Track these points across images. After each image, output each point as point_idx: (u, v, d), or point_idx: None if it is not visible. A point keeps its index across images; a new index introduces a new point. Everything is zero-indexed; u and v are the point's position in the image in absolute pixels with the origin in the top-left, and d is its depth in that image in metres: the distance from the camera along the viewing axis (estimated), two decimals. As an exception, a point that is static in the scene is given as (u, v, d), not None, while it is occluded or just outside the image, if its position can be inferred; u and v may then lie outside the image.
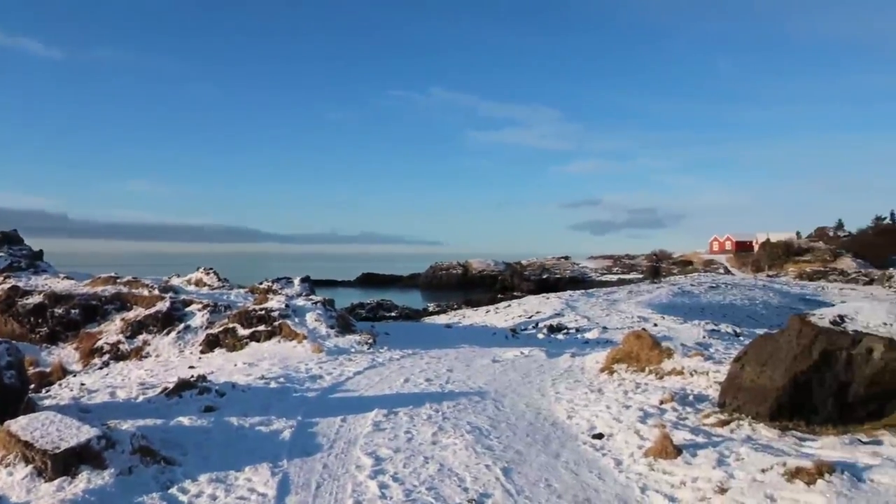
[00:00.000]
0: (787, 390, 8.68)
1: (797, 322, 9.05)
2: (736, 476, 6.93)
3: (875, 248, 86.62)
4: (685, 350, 13.81)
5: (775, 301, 49.60)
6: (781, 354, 8.92)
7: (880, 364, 8.41)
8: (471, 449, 8.48)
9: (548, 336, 23.90)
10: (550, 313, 31.68)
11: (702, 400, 10.54)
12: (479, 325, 27.34)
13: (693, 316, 34.48)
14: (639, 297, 42.05)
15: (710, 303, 44.74)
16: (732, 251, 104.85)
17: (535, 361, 15.85)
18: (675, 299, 42.88)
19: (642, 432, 8.90)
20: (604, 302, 37.47)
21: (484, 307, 41.10)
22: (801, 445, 7.92)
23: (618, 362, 13.58)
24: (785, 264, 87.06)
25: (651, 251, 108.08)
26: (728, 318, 37.92)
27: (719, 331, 23.84)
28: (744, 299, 48.20)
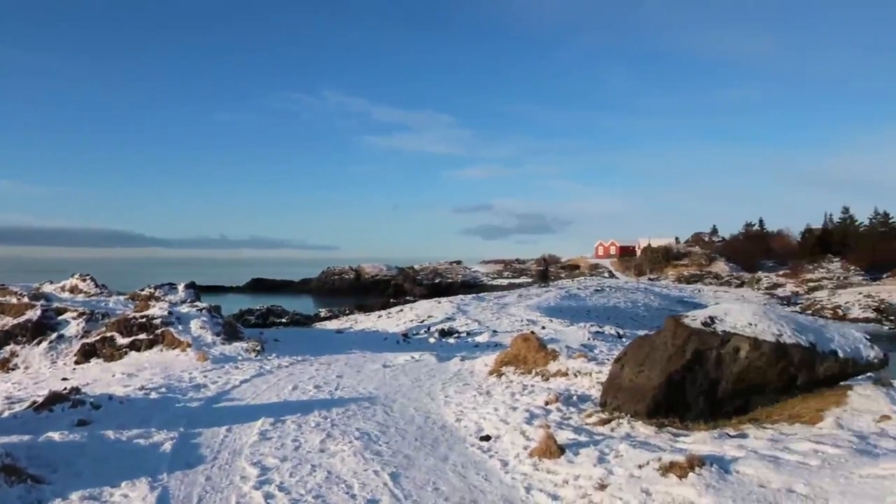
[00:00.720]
0: (662, 389, 9.10)
1: (672, 323, 9.51)
2: (615, 472, 7.19)
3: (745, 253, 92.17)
4: (570, 352, 14.25)
5: (656, 303, 51.91)
6: (658, 355, 9.35)
7: (746, 362, 8.95)
8: (359, 455, 8.44)
9: (439, 340, 24.09)
10: (442, 317, 31.95)
11: (585, 400, 10.89)
12: (370, 331, 27.25)
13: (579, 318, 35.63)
14: (528, 300, 43.06)
15: (596, 305, 46.36)
16: (617, 256, 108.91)
17: (426, 366, 15.94)
18: (563, 302, 44.16)
19: (528, 433, 9.11)
20: (494, 306, 38.14)
21: (376, 312, 41.02)
22: (676, 441, 8.31)
23: (506, 365, 13.86)
24: (665, 268, 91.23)
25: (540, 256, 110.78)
26: (612, 320, 39.40)
27: (603, 332, 24.72)
28: (627, 302, 50.20)
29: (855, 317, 51.63)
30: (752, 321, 9.20)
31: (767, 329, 9.06)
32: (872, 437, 7.79)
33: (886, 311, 52.21)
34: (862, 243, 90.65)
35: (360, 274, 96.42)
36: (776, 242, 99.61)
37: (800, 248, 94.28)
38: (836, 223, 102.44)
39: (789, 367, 8.99)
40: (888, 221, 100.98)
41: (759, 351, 8.89)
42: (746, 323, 9.20)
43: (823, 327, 9.87)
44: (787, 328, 9.08)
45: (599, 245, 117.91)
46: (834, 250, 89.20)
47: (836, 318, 51.72)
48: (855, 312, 52.68)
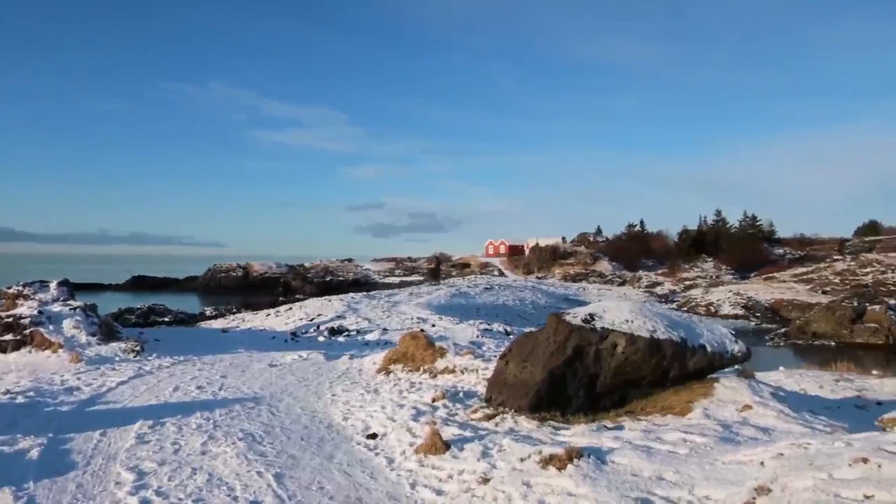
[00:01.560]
0: (545, 384, 9.38)
1: (553, 321, 9.82)
2: (498, 466, 7.36)
3: (627, 253, 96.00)
4: (458, 349, 14.45)
5: (543, 301, 53.31)
6: (540, 351, 9.63)
7: (623, 357, 9.36)
8: (242, 456, 8.26)
9: (329, 339, 23.86)
10: (332, 316, 31.67)
11: (471, 396, 11.08)
12: (258, 329, 26.67)
13: (469, 316, 36.14)
14: (419, 298, 43.27)
15: (485, 303, 47.14)
16: (506, 255, 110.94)
17: (314, 364, 15.77)
18: (453, 300, 44.66)
19: (414, 430, 9.18)
20: (385, 304, 38.11)
21: (265, 311, 40.12)
22: (557, 434, 8.59)
23: (394, 363, 13.90)
24: (552, 267, 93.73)
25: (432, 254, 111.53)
26: (501, 317, 40.19)
27: (492, 330, 25.16)
28: (515, 300, 51.30)
29: (726, 313, 54.70)
30: (629, 318, 9.62)
31: (643, 325, 9.50)
32: (735, 425, 8.33)
33: (753, 308, 55.66)
34: (732, 244, 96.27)
35: (248, 271, 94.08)
36: (656, 243, 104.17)
37: (677, 248, 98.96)
38: (710, 225, 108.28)
39: (662, 362, 9.45)
40: (755, 224, 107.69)
41: (635, 346, 9.31)
42: (623, 320, 9.61)
43: (693, 323, 10.45)
44: (660, 324, 9.55)
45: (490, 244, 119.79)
46: (707, 251, 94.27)
47: (709, 314, 54.67)
48: (726, 309, 55.80)
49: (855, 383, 17.38)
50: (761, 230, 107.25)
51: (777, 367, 21.66)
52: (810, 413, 8.99)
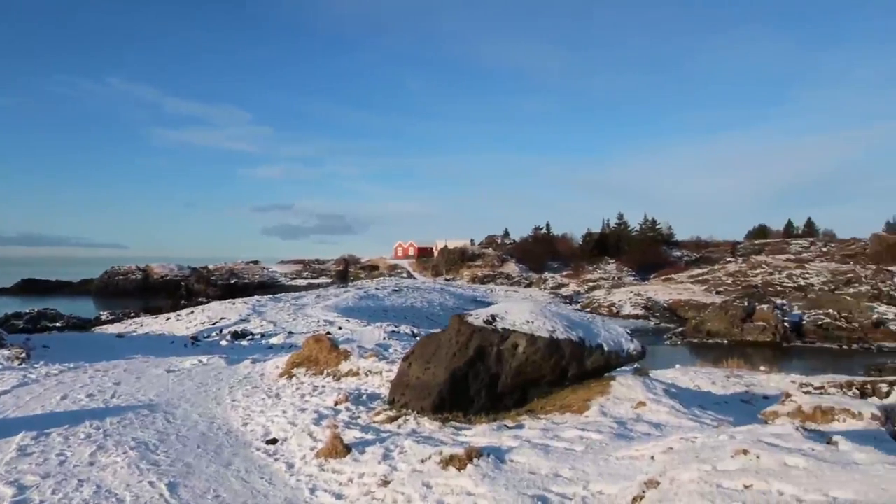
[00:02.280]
0: (447, 385, 9.43)
1: (456, 322, 9.89)
2: (399, 468, 7.35)
3: (534, 255, 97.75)
4: (362, 352, 14.36)
5: (451, 303, 53.67)
6: (443, 352, 9.68)
7: (523, 357, 9.51)
8: (134, 466, 7.94)
9: (231, 343, 23.30)
10: (236, 319, 30.93)
11: (375, 398, 11.03)
12: (156, 334, 25.76)
13: (377, 318, 36.02)
14: (326, 301, 42.79)
15: (394, 305, 47.08)
16: (415, 257, 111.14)
17: (214, 369, 15.35)
18: (361, 303, 44.39)
19: (316, 434, 9.06)
20: (291, 307, 37.51)
21: (165, 314, 38.79)
22: (458, 434, 8.65)
23: (297, 366, 13.69)
24: (460, 269, 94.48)
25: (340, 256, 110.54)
26: (409, 319, 40.22)
27: (399, 332, 25.16)
28: (423, 301, 51.45)
29: (627, 313, 56.47)
30: (530, 319, 9.79)
31: (543, 326, 9.69)
32: (630, 422, 8.60)
33: (653, 309, 57.68)
34: (634, 247, 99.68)
35: (148, 274, 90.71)
36: (561, 245, 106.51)
37: (581, 250, 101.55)
38: (613, 228, 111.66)
39: (561, 361, 9.67)
40: (655, 227, 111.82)
41: (535, 346, 9.48)
42: (524, 321, 9.77)
43: (591, 323, 10.73)
44: (559, 325, 9.76)
45: (399, 246, 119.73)
46: (610, 253, 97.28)
47: (611, 314, 56.32)
48: (627, 309, 57.60)
49: (744, 379, 18.27)
50: (661, 233, 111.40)
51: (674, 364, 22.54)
52: (700, 408, 9.39)
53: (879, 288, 53.83)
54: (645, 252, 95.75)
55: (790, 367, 32.97)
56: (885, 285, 54.74)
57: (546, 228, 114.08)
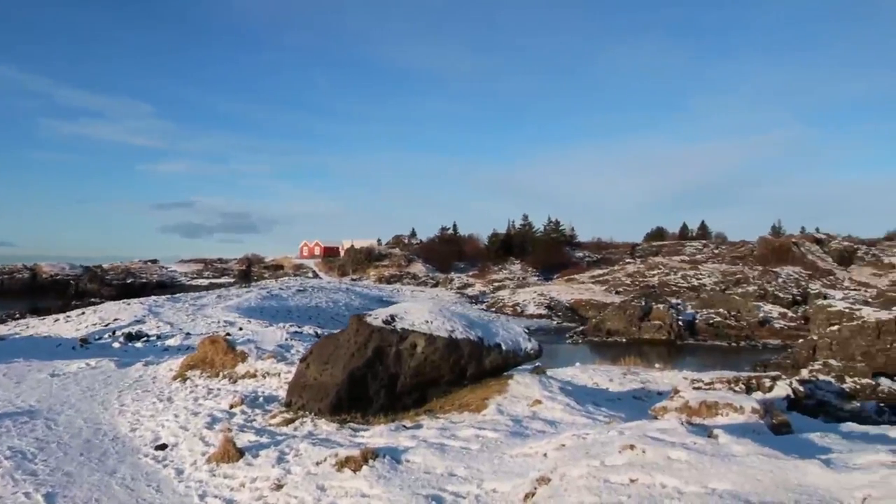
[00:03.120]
0: (345, 385, 9.33)
1: (355, 322, 9.80)
2: (293, 471, 7.21)
3: (441, 255, 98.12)
4: (261, 353, 14.04)
5: (357, 303, 53.22)
6: (341, 352, 9.57)
7: (422, 357, 9.52)
8: (9, 477, 7.49)
9: (125, 345, 22.33)
10: (130, 320, 29.68)
11: (272, 401, 10.79)
12: (42, 336, 24.43)
13: (280, 319, 35.36)
14: (228, 301, 41.66)
15: (298, 305, 46.32)
16: (321, 256, 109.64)
17: (103, 373, 14.67)
18: (264, 303, 43.43)
19: (208, 438, 8.80)
20: (190, 307, 36.31)
21: (53, 315, 36.81)
22: (356, 436, 8.56)
23: (192, 369, 13.25)
24: (367, 269, 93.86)
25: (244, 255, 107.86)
26: (313, 319, 39.68)
27: (302, 332, 24.78)
28: (329, 301, 50.86)
29: (531, 313, 57.49)
30: (429, 318, 9.80)
31: (442, 326, 9.72)
32: (526, 420, 8.73)
33: (555, 308, 58.96)
34: (538, 247, 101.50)
35: (36, 273, 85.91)
36: (468, 246, 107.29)
37: (487, 251, 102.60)
38: (518, 229, 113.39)
39: (460, 360, 9.72)
40: (559, 228, 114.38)
41: (434, 346, 9.50)
42: (423, 320, 9.78)
43: (490, 323, 10.85)
44: (458, 324, 9.82)
45: (304, 245, 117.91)
46: (515, 253, 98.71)
47: (515, 314, 57.21)
48: (531, 309, 58.62)
49: (640, 376, 18.91)
50: (564, 234, 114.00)
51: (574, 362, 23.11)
52: (593, 405, 9.63)
53: (765, 288, 56.81)
54: (549, 253, 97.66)
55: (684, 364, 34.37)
56: (770, 285, 57.83)
57: (453, 229, 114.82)
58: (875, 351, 28.00)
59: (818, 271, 70.38)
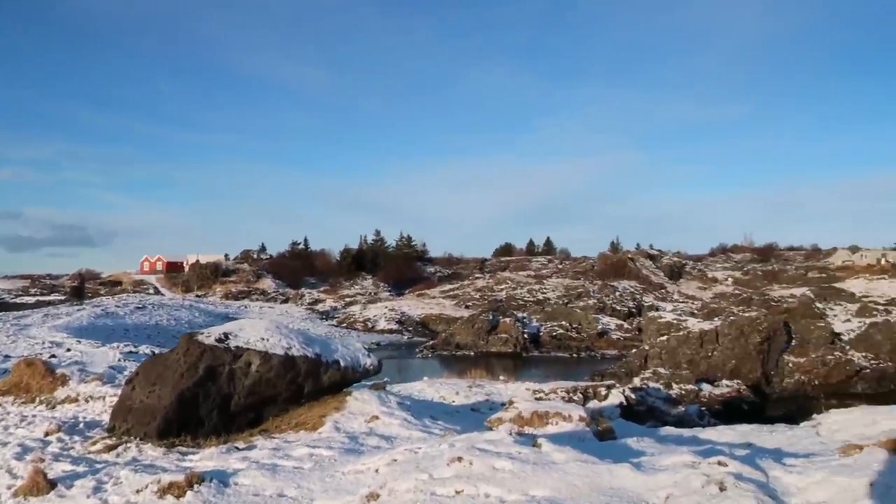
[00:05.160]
0: (174, 407, 8.91)
1: (185, 341, 9.40)
2: (110, 501, 6.77)
3: (291, 270, 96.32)
4: (84, 375, 13.13)
5: (200, 320, 51.11)
6: (170, 373, 9.14)
7: (257, 375, 9.27)
8: None
9: (-71, 370, 20.20)
10: (-63, 343, 26.93)
11: (94, 426, 10.11)
12: None
13: (116, 338, 33.30)
14: (56, 320, 38.77)
15: (136, 324, 43.93)
16: (164, 272, 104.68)
17: None
18: (98, 321, 40.83)
19: (16, 470, 8.09)
20: (12, 327, 33.51)
21: None
22: (184, 459, 8.19)
23: (4, 395, 12.17)
24: (213, 285, 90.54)
25: (77, 271, 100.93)
26: (153, 339, 37.73)
27: (138, 353, 23.43)
28: (170, 319, 48.58)
29: (382, 328, 57.57)
30: (265, 336, 9.57)
31: (278, 343, 9.51)
32: (362, 436, 8.69)
33: (406, 323, 59.38)
34: (390, 263, 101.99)
35: None
36: (319, 261, 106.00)
37: (339, 266, 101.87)
38: (370, 244, 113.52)
39: (297, 378, 9.55)
40: (410, 244, 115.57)
41: (269, 364, 9.28)
42: (259, 338, 9.53)
43: (329, 339, 10.75)
44: (295, 341, 9.65)
45: (146, 260, 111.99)
46: (367, 268, 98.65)
47: (366, 329, 57.10)
48: (382, 324, 58.67)
49: (485, 388, 19.39)
50: (416, 249, 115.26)
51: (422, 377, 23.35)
52: (431, 419, 9.75)
53: (604, 301, 59.98)
54: (400, 268, 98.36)
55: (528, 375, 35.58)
56: (608, 298, 61.13)
57: (304, 244, 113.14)
58: (699, 359, 30.26)
59: (651, 285, 75.15)
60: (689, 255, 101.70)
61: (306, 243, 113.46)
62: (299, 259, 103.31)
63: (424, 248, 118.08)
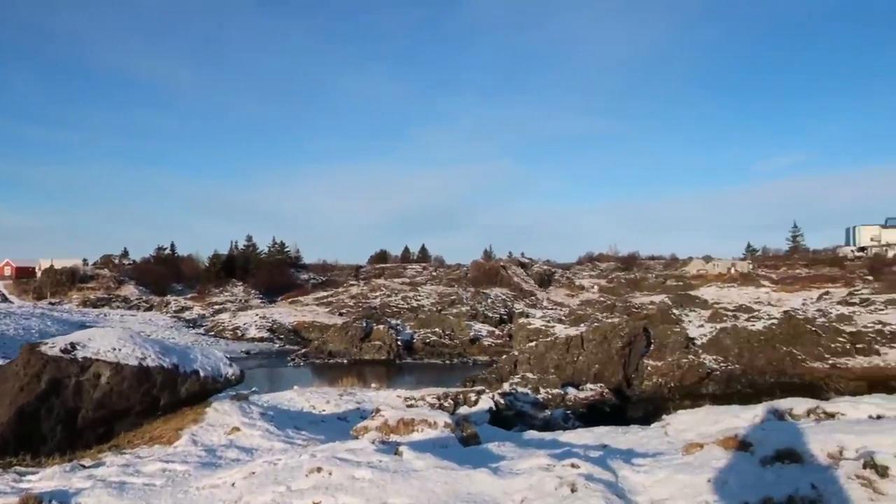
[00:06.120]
0: (12, 424, 8.27)
1: (26, 352, 8.76)
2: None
3: (156, 277, 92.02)
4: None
5: (53, 329, 47.89)
6: (8, 386, 8.48)
7: (108, 388, 8.75)
8: None
9: None
10: None
11: (-81, 447, 9.23)
12: None
13: (-47, 351, 30.68)
14: None
15: (-22, 334, 40.65)
16: (13, 277, 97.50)
17: None
18: (-67, 332, 37.50)
19: None
20: None
21: None
22: (21, 480, 7.59)
23: None
24: (70, 291, 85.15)
25: None
26: (-2, 350, 35.02)
27: (-23, 365, 21.67)
28: (18, 329, 45.29)
29: (252, 336, 55.96)
30: (117, 346, 9.06)
31: (132, 353, 9.03)
32: (221, 448, 8.38)
33: (278, 331, 58.03)
34: (262, 269, 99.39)
35: None
36: (186, 267, 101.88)
37: (208, 272, 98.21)
38: (241, 250, 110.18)
39: (153, 390, 9.10)
40: (283, 250, 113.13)
41: (121, 375, 8.79)
42: (110, 348, 9.01)
43: (189, 349, 10.32)
44: (151, 351, 9.19)
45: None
46: (238, 275, 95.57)
47: (236, 338, 55.35)
48: (252, 332, 57.02)
49: (357, 396, 19.23)
50: (289, 256, 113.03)
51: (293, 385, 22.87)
52: (295, 429, 9.53)
53: (476, 308, 60.98)
54: (273, 274, 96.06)
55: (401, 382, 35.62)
56: (481, 305, 62.21)
57: (171, 249, 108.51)
58: (565, 363, 31.31)
59: (522, 292, 77.14)
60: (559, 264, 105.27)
61: (173, 248, 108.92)
62: (165, 265, 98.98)
63: (298, 254, 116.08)
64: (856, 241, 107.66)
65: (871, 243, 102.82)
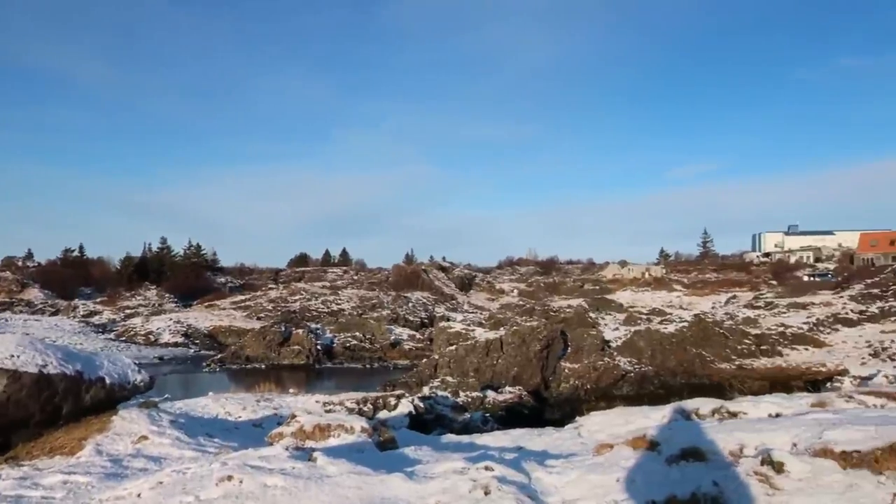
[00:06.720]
0: None
1: (-86, 359, 8.23)
2: None
3: (63, 280, 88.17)
4: None
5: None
6: None
7: (5, 396, 8.30)
8: None
9: None
10: None
11: None
12: None
13: None
14: None
15: None
16: None
17: None
18: None
19: None
20: None
21: None
22: None
23: None
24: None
25: None
26: None
27: None
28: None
29: (166, 341, 54.30)
30: (15, 352, 8.60)
31: (31, 360, 8.59)
32: (127, 458, 8.07)
33: (193, 336, 56.51)
34: (177, 272, 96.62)
35: None
36: (96, 270, 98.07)
37: (119, 275, 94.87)
38: (155, 253, 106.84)
39: (54, 398, 8.69)
40: (200, 253, 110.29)
41: (19, 384, 8.34)
42: (8, 355, 8.55)
43: (94, 355, 9.90)
44: (52, 358, 8.77)
45: None
46: (151, 278, 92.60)
47: (148, 343, 53.61)
48: (166, 337, 55.34)
49: (274, 402, 18.89)
50: (205, 259, 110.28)
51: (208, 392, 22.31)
52: (206, 437, 9.27)
53: (397, 312, 60.88)
54: (188, 278, 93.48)
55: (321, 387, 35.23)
56: (402, 309, 62.14)
57: (80, 251, 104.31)
58: (485, 367, 31.56)
59: (443, 296, 77.52)
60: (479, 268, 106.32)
61: (82, 250, 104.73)
62: (73, 267, 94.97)
63: (215, 257, 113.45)
64: (761, 247, 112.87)
65: (775, 249, 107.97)
